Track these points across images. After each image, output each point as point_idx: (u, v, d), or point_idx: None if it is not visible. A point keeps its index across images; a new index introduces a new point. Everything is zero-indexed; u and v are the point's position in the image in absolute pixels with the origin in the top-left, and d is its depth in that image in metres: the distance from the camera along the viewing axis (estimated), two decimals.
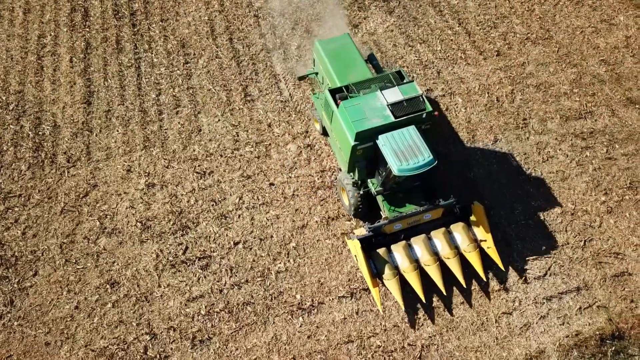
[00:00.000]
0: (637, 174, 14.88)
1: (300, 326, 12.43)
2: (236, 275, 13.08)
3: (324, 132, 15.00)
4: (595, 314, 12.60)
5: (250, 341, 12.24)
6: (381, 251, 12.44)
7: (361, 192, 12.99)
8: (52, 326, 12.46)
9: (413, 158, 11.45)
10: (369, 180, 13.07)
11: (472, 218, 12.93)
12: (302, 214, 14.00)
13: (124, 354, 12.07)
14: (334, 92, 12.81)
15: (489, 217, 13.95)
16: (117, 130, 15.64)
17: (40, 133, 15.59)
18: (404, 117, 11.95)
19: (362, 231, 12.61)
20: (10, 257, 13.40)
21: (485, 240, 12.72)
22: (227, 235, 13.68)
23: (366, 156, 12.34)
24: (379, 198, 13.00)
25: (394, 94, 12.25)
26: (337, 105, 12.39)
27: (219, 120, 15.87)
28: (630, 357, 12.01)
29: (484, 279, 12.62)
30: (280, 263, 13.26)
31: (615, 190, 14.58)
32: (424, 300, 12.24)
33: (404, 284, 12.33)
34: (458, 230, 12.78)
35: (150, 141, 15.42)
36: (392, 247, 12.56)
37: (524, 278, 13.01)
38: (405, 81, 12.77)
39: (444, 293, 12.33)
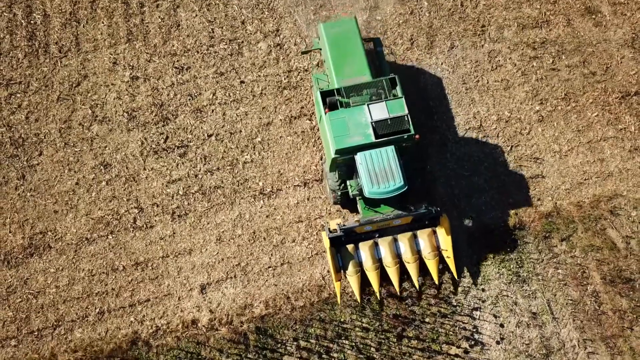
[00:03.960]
0: (574, 86, 16.37)
1: (261, 207, 15.13)
2: (209, 163, 15.47)
3: None
4: (506, 209, 15.15)
5: (220, 218, 15.04)
6: (349, 247, 13.66)
7: (339, 194, 14.00)
8: (58, 198, 15.22)
9: (385, 182, 12.38)
10: (347, 181, 13.71)
11: (439, 227, 13.74)
12: (268, 112, 15.94)
13: (117, 223, 14.99)
14: (324, 94, 13.31)
15: (433, 122, 15.91)
16: (103, 22, 16.89)
17: (32, 22, 16.89)
18: (384, 138, 12.66)
19: (336, 225, 13.45)
20: (18, 138, 15.72)
21: (446, 250, 13.73)
22: (201, 127, 15.79)
23: (346, 163, 13.24)
24: (357, 198, 13.81)
25: (380, 111, 12.79)
26: (326, 111, 13.03)
27: (196, 15, 16.98)
28: (526, 243, 14.77)
29: (437, 284, 13.95)
30: (247, 155, 15.56)
31: (550, 100, 16.21)
32: (378, 298, 13.79)
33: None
34: (423, 237, 13.76)
35: (133, 35, 16.76)
36: (360, 244, 13.67)
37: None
38: (395, 95, 13.24)
39: (399, 294, 13.82)
